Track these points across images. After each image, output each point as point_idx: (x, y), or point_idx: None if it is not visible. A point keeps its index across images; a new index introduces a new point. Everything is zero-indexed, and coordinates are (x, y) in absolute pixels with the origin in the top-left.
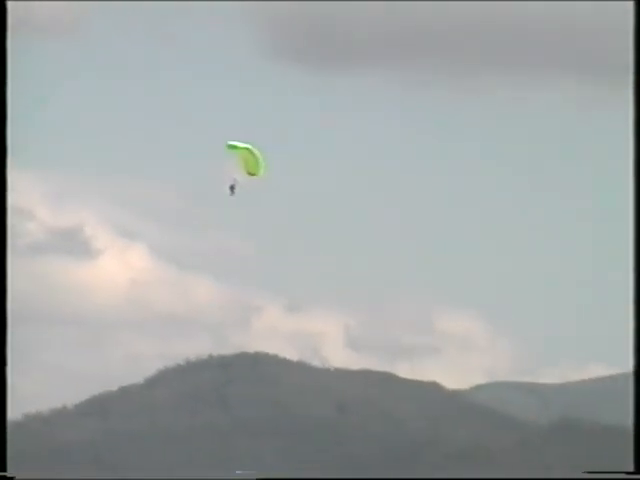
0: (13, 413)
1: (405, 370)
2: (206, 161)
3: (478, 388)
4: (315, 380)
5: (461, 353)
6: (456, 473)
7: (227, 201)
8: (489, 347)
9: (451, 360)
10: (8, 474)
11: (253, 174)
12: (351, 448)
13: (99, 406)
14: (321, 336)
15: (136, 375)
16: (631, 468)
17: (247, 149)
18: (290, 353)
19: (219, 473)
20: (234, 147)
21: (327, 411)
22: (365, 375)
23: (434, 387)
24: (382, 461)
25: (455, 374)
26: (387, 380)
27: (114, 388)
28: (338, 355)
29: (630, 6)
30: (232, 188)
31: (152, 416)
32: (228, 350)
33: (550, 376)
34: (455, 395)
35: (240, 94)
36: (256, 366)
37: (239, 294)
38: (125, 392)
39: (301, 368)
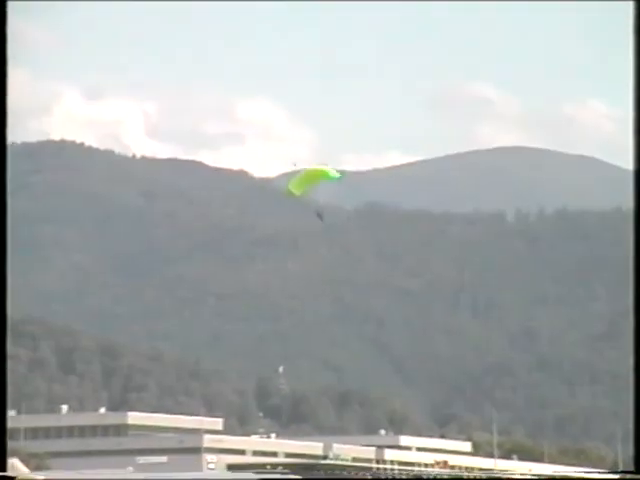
0: None
1: (211, 158)
2: None
3: (285, 176)
4: (122, 168)
5: (265, 141)
6: (263, 258)
7: None
8: (292, 135)
9: (257, 148)
10: (8, 474)
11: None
12: (158, 235)
13: None
14: (122, 124)
15: None
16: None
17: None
18: (95, 141)
19: (21, 259)
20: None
21: (134, 199)
22: (172, 164)
23: (241, 175)
24: (189, 247)
25: (262, 162)
26: (194, 168)
27: None
28: (142, 143)
29: (630, 6)
30: (320, 216)
31: None
32: (31, 138)
33: (354, 164)
34: (262, 183)
35: None
36: (62, 154)
37: (37, 80)
38: None
39: (107, 156)
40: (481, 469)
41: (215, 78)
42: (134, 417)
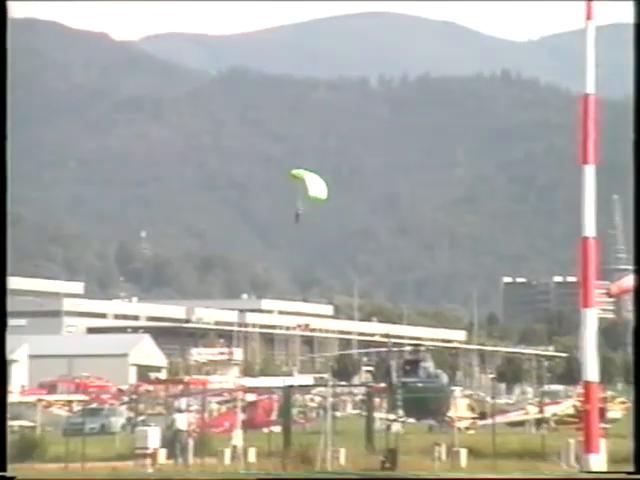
0: None
1: (73, 19)
2: None
3: (149, 39)
4: None
5: (127, 2)
6: (126, 122)
7: None
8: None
9: (120, 10)
10: (8, 474)
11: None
12: (15, 97)
13: None
14: None
15: None
16: None
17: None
18: None
19: None
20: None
21: None
22: (29, 23)
23: (102, 37)
24: (48, 110)
25: (125, 24)
26: (54, 30)
27: None
28: None
29: (630, 6)
30: (297, 216)
31: None
32: None
33: (218, 27)
34: (125, 45)
35: None
36: None
37: None
38: None
39: None
40: (341, 331)
41: None
42: None
